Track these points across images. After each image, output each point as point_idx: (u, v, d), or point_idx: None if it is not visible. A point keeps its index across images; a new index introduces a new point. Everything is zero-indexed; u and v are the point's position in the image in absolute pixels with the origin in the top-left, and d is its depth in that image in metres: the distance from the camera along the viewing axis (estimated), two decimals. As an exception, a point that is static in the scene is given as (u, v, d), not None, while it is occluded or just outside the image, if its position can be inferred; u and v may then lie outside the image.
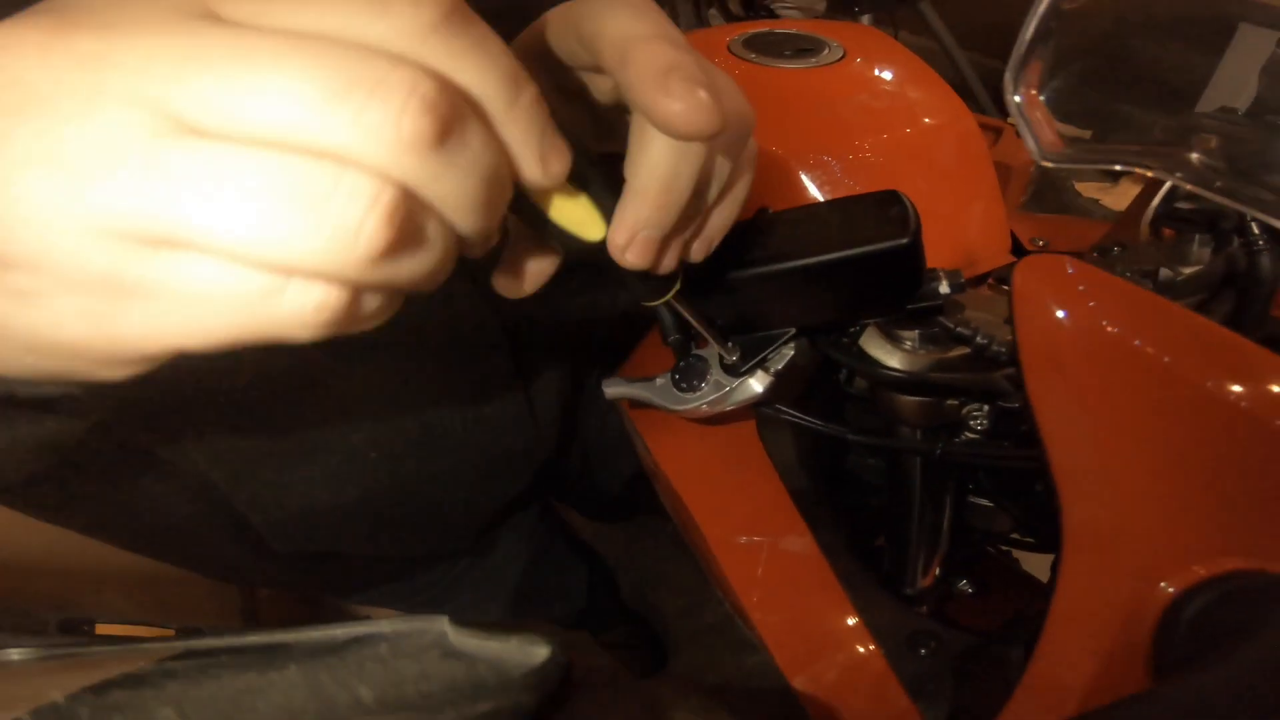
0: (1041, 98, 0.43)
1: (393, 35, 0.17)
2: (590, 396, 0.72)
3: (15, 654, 0.18)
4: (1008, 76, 0.42)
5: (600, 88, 0.29)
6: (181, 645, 0.17)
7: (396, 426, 0.47)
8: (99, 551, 0.51)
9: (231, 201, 0.16)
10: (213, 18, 0.17)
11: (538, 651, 0.13)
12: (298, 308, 0.18)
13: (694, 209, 0.28)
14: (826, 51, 0.68)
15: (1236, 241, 0.49)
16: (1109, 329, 0.29)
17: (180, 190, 0.16)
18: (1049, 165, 0.41)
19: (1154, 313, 0.30)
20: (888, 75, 0.69)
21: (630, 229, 0.26)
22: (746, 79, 0.67)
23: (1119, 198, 1.94)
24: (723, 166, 0.28)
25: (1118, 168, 0.40)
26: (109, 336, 0.18)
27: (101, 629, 0.94)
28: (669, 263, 0.29)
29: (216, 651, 0.16)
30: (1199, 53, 0.47)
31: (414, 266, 0.19)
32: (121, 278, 0.17)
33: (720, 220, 0.30)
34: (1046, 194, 1.97)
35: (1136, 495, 0.29)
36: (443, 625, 0.15)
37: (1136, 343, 0.28)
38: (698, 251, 0.31)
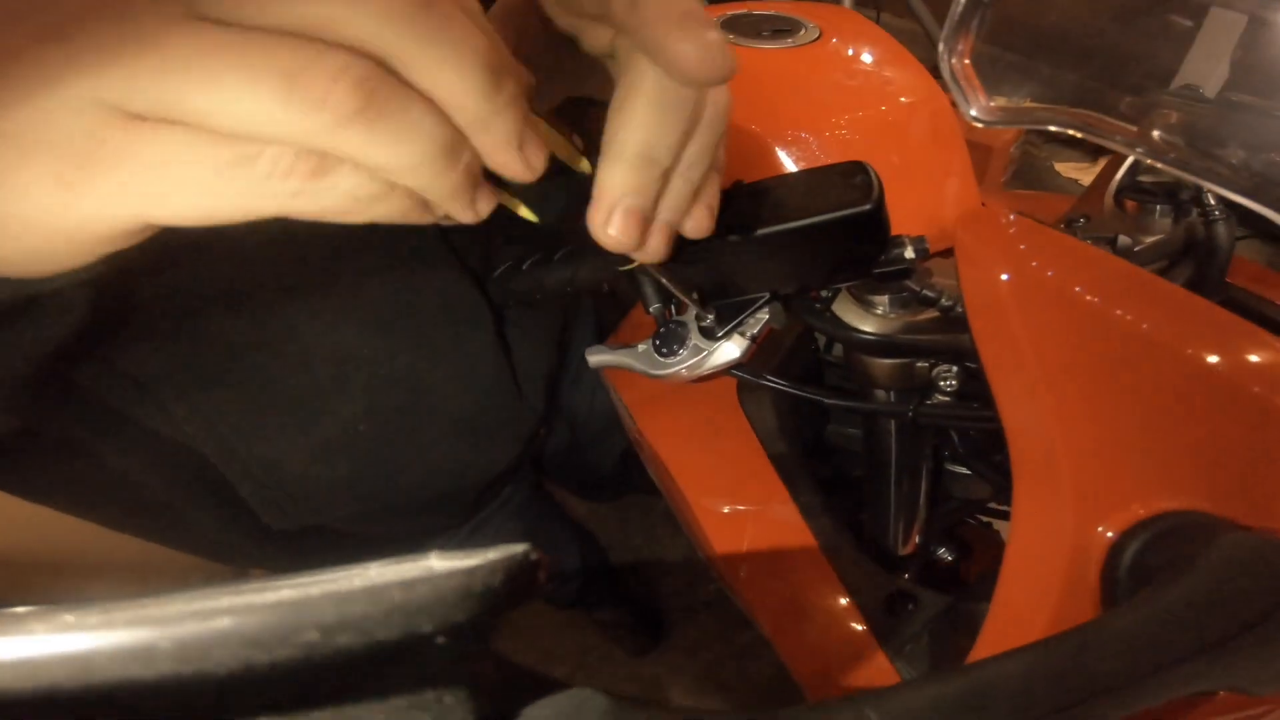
0: (969, 64, 0.45)
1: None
2: (578, 374, 0.73)
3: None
4: (942, 45, 0.43)
5: (594, 36, 0.28)
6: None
7: (386, 398, 0.49)
8: (88, 544, 0.51)
9: (223, 80, 0.18)
10: None
11: (490, 554, 0.13)
12: (267, 173, 0.19)
13: (681, 179, 0.27)
14: (803, 32, 0.70)
15: (1195, 212, 0.51)
16: (1046, 277, 0.30)
17: (174, 70, 0.18)
18: (980, 125, 0.43)
19: (1089, 261, 0.32)
20: (863, 55, 0.70)
21: (611, 198, 0.25)
22: (725, 60, 0.68)
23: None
24: (708, 133, 0.27)
25: (1052, 129, 0.41)
26: (79, 204, 0.19)
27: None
28: (656, 243, 0.28)
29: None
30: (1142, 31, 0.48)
31: (393, 147, 0.20)
32: (99, 145, 0.19)
33: (711, 190, 0.30)
34: (1027, 174, 1.99)
35: (1077, 442, 0.31)
36: (430, 557, 0.16)
37: (1074, 289, 0.30)
38: (699, 225, 0.29)
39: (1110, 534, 0.29)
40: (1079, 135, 0.40)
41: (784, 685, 0.53)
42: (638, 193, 0.25)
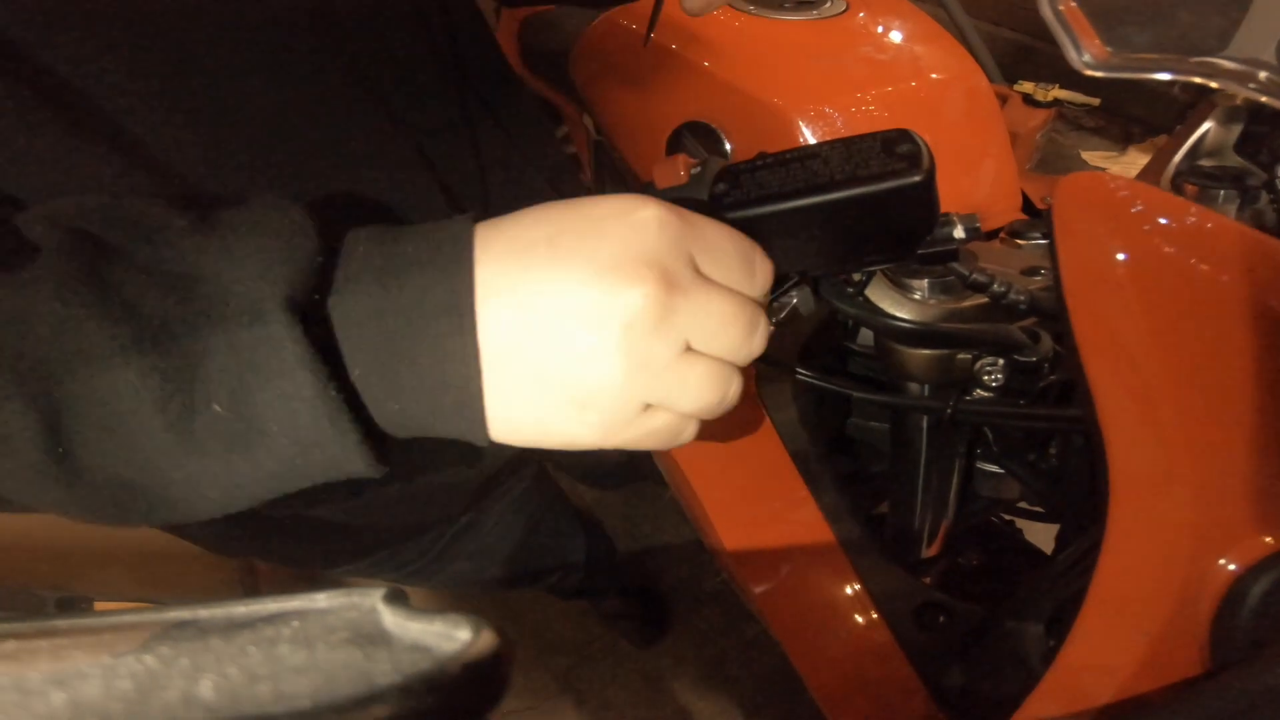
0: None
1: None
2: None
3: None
4: None
5: None
6: (89, 622, 0.15)
7: None
8: (92, 531, 0.49)
9: (697, 399, 0.27)
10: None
11: (458, 635, 0.11)
12: (676, 434, 0.29)
13: None
14: (829, 4, 0.67)
15: (1265, 199, 0.47)
16: (1168, 251, 0.26)
17: (674, 392, 0.27)
18: (1096, 75, 0.38)
19: (1220, 234, 0.27)
20: (893, 29, 0.67)
21: None
22: (746, 30, 0.65)
23: (1126, 167, 1.91)
24: None
25: (1165, 77, 0.37)
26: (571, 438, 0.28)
27: (100, 607, 0.92)
28: None
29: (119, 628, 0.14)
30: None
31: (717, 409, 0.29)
32: (632, 417, 0.27)
33: None
34: (1053, 162, 1.94)
35: (1197, 449, 0.26)
36: (375, 600, 0.13)
37: (1201, 267, 0.25)
38: None
39: (1232, 567, 0.25)
40: (1200, 82, 0.36)
41: (791, 680, 0.50)
42: None
